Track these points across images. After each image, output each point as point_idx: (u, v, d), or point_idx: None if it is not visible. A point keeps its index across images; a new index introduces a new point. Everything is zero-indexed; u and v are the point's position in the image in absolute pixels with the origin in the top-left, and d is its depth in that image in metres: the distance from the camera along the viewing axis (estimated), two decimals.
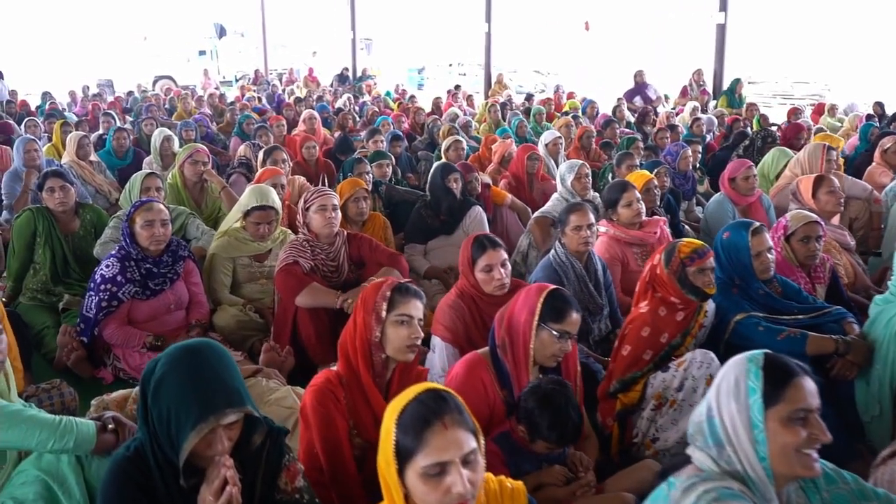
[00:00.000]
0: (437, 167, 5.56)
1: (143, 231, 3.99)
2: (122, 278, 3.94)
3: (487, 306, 3.37)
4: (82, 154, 7.63)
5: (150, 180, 4.89)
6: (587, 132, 8.84)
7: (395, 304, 2.49)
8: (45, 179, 4.79)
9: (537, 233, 5.28)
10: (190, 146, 5.72)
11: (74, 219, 4.93)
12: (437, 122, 10.41)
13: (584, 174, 5.57)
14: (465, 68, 36.03)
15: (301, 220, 4.15)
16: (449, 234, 5.45)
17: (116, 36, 28.30)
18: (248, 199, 4.40)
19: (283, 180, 5.29)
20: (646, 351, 3.18)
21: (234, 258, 4.50)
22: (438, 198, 5.46)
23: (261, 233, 4.45)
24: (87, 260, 4.91)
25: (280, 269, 3.93)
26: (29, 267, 4.80)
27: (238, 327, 4.27)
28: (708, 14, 13.85)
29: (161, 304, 4.09)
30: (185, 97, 13.83)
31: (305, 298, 3.84)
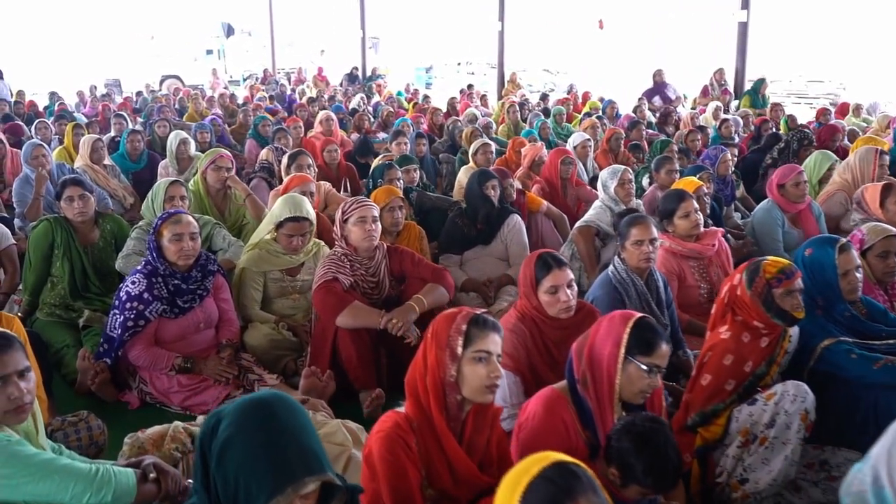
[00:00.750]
0: (474, 173, 5.29)
1: (171, 245, 3.73)
2: (148, 296, 3.67)
3: (551, 330, 3.10)
4: (96, 158, 7.38)
5: (174, 188, 4.62)
6: (616, 134, 8.57)
7: (472, 340, 2.21)
8: (64, 188, 4.52)
9: (581, 243, 5.01)
10: (213, 151, 5.44)
11: (94, 229, 4.66)
12: (456, 123, 10.13)
13: (628, 180, 5.29)
14: (473, 67, 35.81)
15: (339, 233, 3.88)
16: (486, 244, 5.18)
17: (123, 35, 28.06)
18: (281, 210, 4.13)
19: (312, 187, 5.02)
20: (728, 381, 2.90)
21: (265, 272, 4.22)
22: (475, 205, 5.19)
23: (294, 245, 4.18)
24: (107, 273, 4.65)
25: (319, 287, 3.66)
26: (46, 280, 4.54)
27: (271, 347, 4.00)
28: (730, 12, 13.54)
29: (190, 322, 3.82)
30: (196, 97, 13.55)
31: (347, 318, 3.57)
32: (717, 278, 4.20)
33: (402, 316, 3.55)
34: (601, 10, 20.35)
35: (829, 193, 5.92)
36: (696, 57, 18.64)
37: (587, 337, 2.50)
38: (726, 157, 6.70)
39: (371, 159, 8.64)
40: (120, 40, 27.70)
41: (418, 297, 3.66)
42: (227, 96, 15.18)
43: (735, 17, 13.54)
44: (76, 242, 4.53)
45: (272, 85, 21.37)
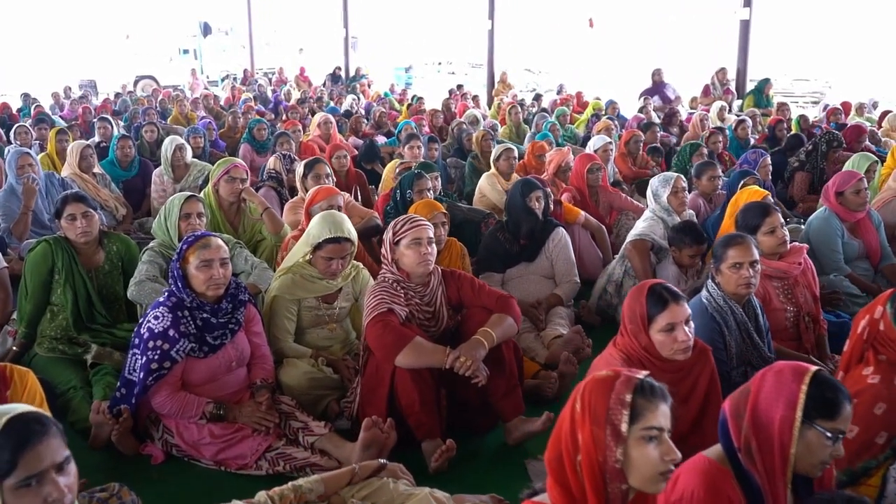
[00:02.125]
0: (516, 183, 4.83)
1: (200, 273, 3.23)
2: (175, 333, 3.17)
3: (661, 373, 2.63)
4: (85, 166, 6.84)
5: (190, 205, 4.10)
6: (634, 136, 8.17)
7: (640, 413, 1.76)
8: (65, 205, 3.99)
9: (635, 259, 4.57)
10: (226, 160, 4.93)
11: (98, 251, 4.13)
12: (461, 125, 9.66)
13: (682, 188, 4.87)
14: (453, 67, 35.39)
15: (389, 256, 3.40)
16: (530, 261, 4.74)
17: (97, 34, 27.21)
18: (320, 230, 3.64)
19: (340, 201, 4.53)
20: (880, 433, 2.48)
21: (299, 300, 3.73)
22: (517, 219, 4.74)
23: (333, 269, 3.69)
24: (115, 299, 4.14)
25: (374, 320, 3.17)
26: (45, 309, 4.01)
27: (311, 386, 3.52)
28: (732, 10, 13.21)
29: (221, 361, 3.32)
30: (181, 99, 12.95)
31: (409, 358, 3.09)
32: (804, 300, 3.78)
33: (471, 353, 3.08)
34: (590, 8, 19.97)
35: (885, 200, 5.54)
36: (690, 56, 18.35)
37: (745, 394, 2.06)
38: (766, 161, 6.32)
39: (377, 165, 8.18)
40: (94, 39, 26.85)
41: (486, 331, 3.19)
42: (211, 98, 14.60)
43: (737, 16, 13.21)
44: (79, 266, 4.01)
45: (251, 86, 20.77)
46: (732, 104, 13.09)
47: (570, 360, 3.76)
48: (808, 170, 7.63)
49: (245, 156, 8.94)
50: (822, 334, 3.82)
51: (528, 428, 3.28)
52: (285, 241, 4.52)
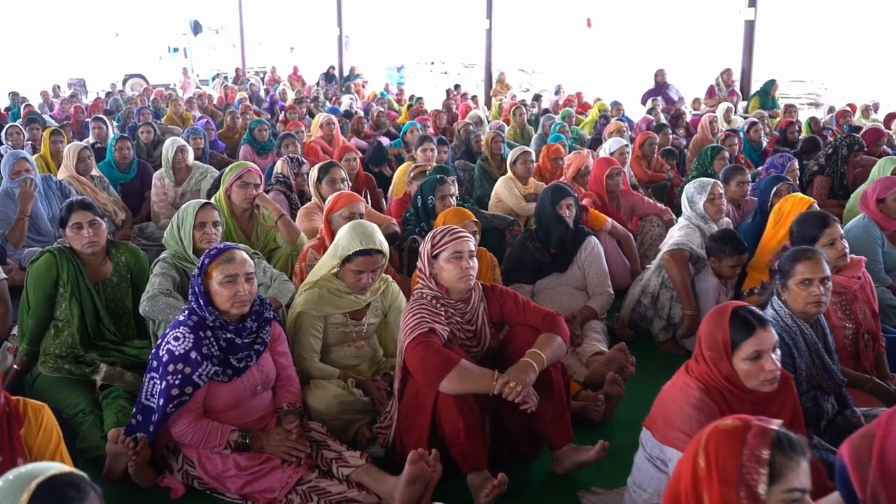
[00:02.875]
0: (546, 190, 4.58)
1: (223, 289, 2.96)
2: (197, 355, 2.90)
3: (742, 404, 2.41)
4: (83, 168, 6.56)
5: (206, 213, 3.82)
6: (649, 139, 7.94)
7: (781, 473, 1.51)
8: (70, 213, 3.71)
9: (674, 269, 4.33)
10: (239, 164, 4.65)
11: (106, 262, 3.85)
12: (469, 127, 9.41)
13: (718, 195, 4.64)
14: (446, 66, 35.07)
15: (426, 271, 3.14)
16: (562, 272, 4.50)
17: (86, 32, 26.76)
18: (349, 241, 3.37)
19: (362, 208, 4.27)
20: None
21: (325, 316, 3.47)
22: (547, 227, 4.50)
23: (363, 284, 3.43)
24: (123, 314, 3.87)
25: (415, 342, 2.92)
26: (48, 325, 3.73)
27: (341, 411, 3.26)
28: (737, 10, 13.01)
29: (246, 385, 3.06)
30: (175, 99, 12.62)
31: (455, 384, 2.84)
32: (863, 316, 3.56)
33: (520, 377, 2.83)
34: (588, 8, 19.74)
35: None
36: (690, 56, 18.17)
37: (869, 439, 1.82)
38: (794, 166, 6.09)
39: (385, 168, 7.92)
40: (82, 37, 26.40)
41: (535, 353, 2.94)
42: (206, 97, 14.28)
43: (742, 16, 13.01)
44: (86, 279, 3.73)
45: (244, 85, 20.44)
46: (737, 106, 12.92)
47: (617, 381, 3.52)
48: (827, 174, 7.41)
49: (246, 157, 8.66)
50: (881, 353, 3.59)
51: (580, 457, 3.04)
52: (304, 250, 4.25)
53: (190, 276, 3.76)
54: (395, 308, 3.64)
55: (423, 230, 4.81)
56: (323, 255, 4.11)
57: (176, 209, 6.82)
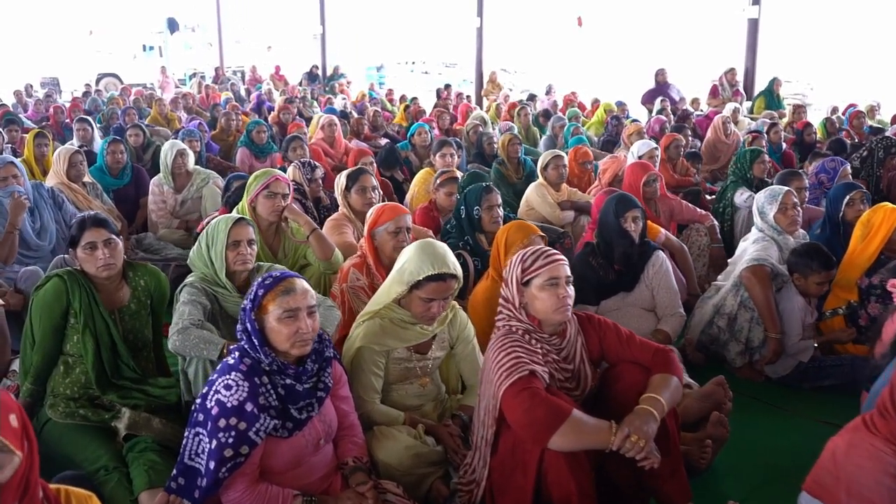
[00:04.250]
0: (609, 200, 4.13)
1: (283, 326, 2.48)
2: (253, 407, 2.41)
3: None
4: (74, 174, 6.00)
5: (239, 230, 3.31)
6: (675, 141, 7.53)
7: None
8: (82, 231, 3.19)
9: (757, 288, 3.90)
10: (265, 172, 4.14)
11: (122, 286, 3.34)
12: (477, 128, 8.95)
13: (792, 204, 4.22)
14: (426, 66, 34.62)
15: (515, 300, 2.68)
16: (628, 291, 4.06)
17: (58, 30, 25.87)
18: (419, 265, 2.89)
19: (409, 221, 3.79)
20: None
21: (388, 351, 2.99)
22: (611, 242, 4.05)
23: (432, 313, 2.96)
24: (143, 346, 3.36)
25: (514, 388, 2.45)
26: (57, 361, 3.21)
27: (414, 464, 2.78)
28: (740, 8, 12.70)
29: (307, 439, 2.57)
30: (159, 99, 12.01)
31: (568, 439, 2.37)
32: None
33: (641, 430, 2.38)
34: (578, 6, 19.38)
35: None
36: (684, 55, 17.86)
37: None
38: (846, 171, 5.72)
39: (398, 172, 7.44)
40: (55, 35, 25.52)
41: (654, 398, 2.48)
42: (190, 97, 13.67)
43: (745, 14, 12.71)
44: (100, 307, 3.21)
45: (224, 84, 19.81)
46: (742, 105, 12.60)
47: (722, 423, 3.09)
48: (863, 177, 7.07)
49: (243, 161, 8.17)
50: None
51: None
52: (343, 270, 3.76)
53: (221, 302, 3.29)
54: (463, 339, 3.18)
55: (469, 244, 4.36)
56: (366, 274, 3.66)
57: (176, 218, 6.33)
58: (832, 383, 3.84)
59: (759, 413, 3.70)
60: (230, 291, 3.29)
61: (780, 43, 25.80)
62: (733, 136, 9.46)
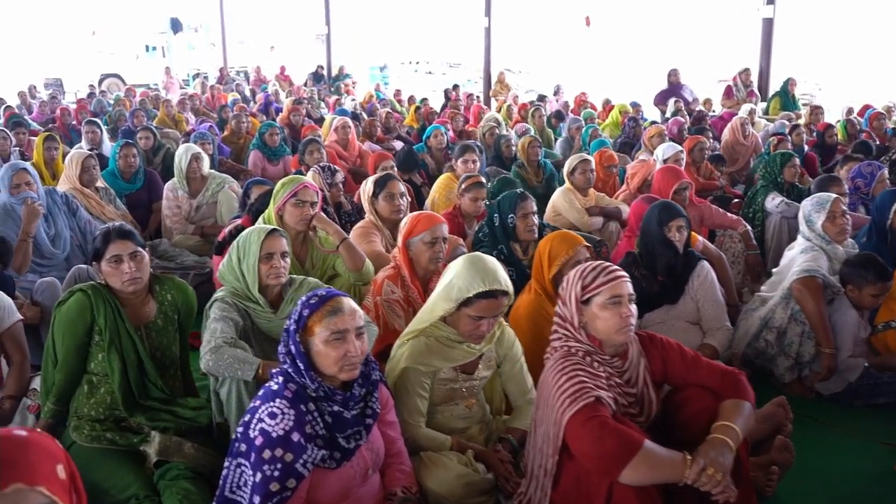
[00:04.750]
0: (653, 208, 3.96)
1: (330, 349, 2.31)
2: (300, 437, 2.24)
3: None
4: (87, 179, 5.84)
5: (273, 241, 3.14)
6: (699, 143, 7.33)
7: None
8: (107, 244, 3.02)
9: (810, 301, 3.73)
10: (293, 179, 3.96)
11: (148, 301, 3.17)
12: (494, 130, 8.76)
13: (840, 212, 4.05)
14: (430, 66, 34.39)
15: (574, 319, 2.51)
16: (673, 303, 3.89)
17: (61, 30, 25.68)
18: (468, 281, 2.72)
19: (445, 231, 3.62)
20: None
21: (434, 371, 2.82)
22: (654, 252, 3.89)
23: (482, 331, 2.79)
24: (170, 364, 3.19)
25: (580, 417, 2.28)
26: (80, 380, 3.05)
27: (466, 493, 2.62)
28: (755, 7, 12.53)
29: (356, 470, 2.41)
30: (166, 101, 11.83)
31: (640, 472, 2.20)
32: None
33: (718, 462, 2.21)
34: (586, 6, 19.21)
35: None
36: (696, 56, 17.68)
37: None
38: (884, 175, 5.55)
39: (416, 175, 7.26)
40: (57, 36, 25.33)
41: (727, 426, 2.32)
42: (197, 98, 13.51)
43: (760, 13, 12.53)
44: (126, 323, 3.04)
45: (229, 85, 19.65)
46: (757, 106, 12.43)
47: (788, 448, 2.92)
48: (891, 181, 6.90)
49: (256, 164, 8.01)
50: None
51: None
52: (377, 282, 3.59)
53: (253, 318, 3.12)
54: (510, 357, 3.01)
55: (503, 253, 4.19)
56: (400, 286, 3.49)
57: (191, 223, 6.16)
58: (887, 401, 3.68)
59: (813, 433, 3.53)
60: (263, 307, 3.13)
61: (791, 43, 25.65)
62: (751, 137, 9.29)
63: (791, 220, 5.86)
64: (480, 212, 5.25)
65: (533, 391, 3.02)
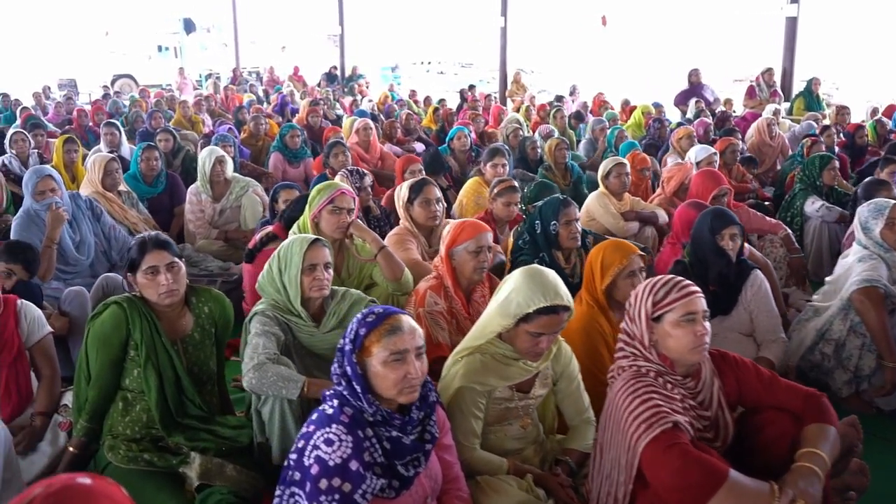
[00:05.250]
0: (704, 215, 3.80)
1: (390, 371, 2.17)
2: (358, 465, 2.09)
3: None
4: (110, 183, 5.70)
5: (316, 252, 2.99)
6: (731, 146, 7.17)
7: None
8: (143, 254, 2.88)
9: (871, 313, 3.56)
10: (329, 185, 3.81)
11: (185, 313, 3.04)
12: (518, 132, 8.61)
13: None
14: (442, 66, 34.24)
15: (645, 338, 2.36)
16: (725, 314, 3.73)
17: (74, 31, 25.63)
18: (528, 296, 2.56)
19: (490, 239, 3.47)
20: None
21: (490, 391, 2.67)
22: (706, 260, 3.73)
23: (540, 348, 2.64)
24: (207, 380, 3.06)
25: (658, 444, 2.13)
26: (114, 396, 2.92)
27: None
28: (778, 6, 12.33)
29: (414, 498, 2.26)
30: (183, 102, 11.70)
31: None
32: None
33: (808, 493, 2.06)
34: (601, 5, 19.03)
35: None
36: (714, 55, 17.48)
37: None
38: None
39: (442, 179, 7.11)
40: (71, 36, 25.27)
41: (814, 454, 2.17)
42: (213, 99, 13.39)
43: (783, 12, 12.33)
44: (163, 337, 2.91)
45: (242, 86, 19.55)
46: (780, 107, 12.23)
47: (864, 471, 2.76)
48: None
49: (276, 166, 7.88)
50: None
51: None
52: (419, 293, 3.44)
53: (295, 332, 2.98)
54: (567, 375, 2.85)
55: (545, 261, 4.03)
56: (444, 297, 3.35)
57: (215, 228, 6.03)
58: None
59: (877, 450, 3.36)
60: (305, 320, 2.98)
61: (811, 42, 25.39)
62: (777, 138, 9.12)
63: (831, 224, 5.71)
64: (513, 217, 5.11)
65: (590, 410, 2.87)
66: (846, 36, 25.82)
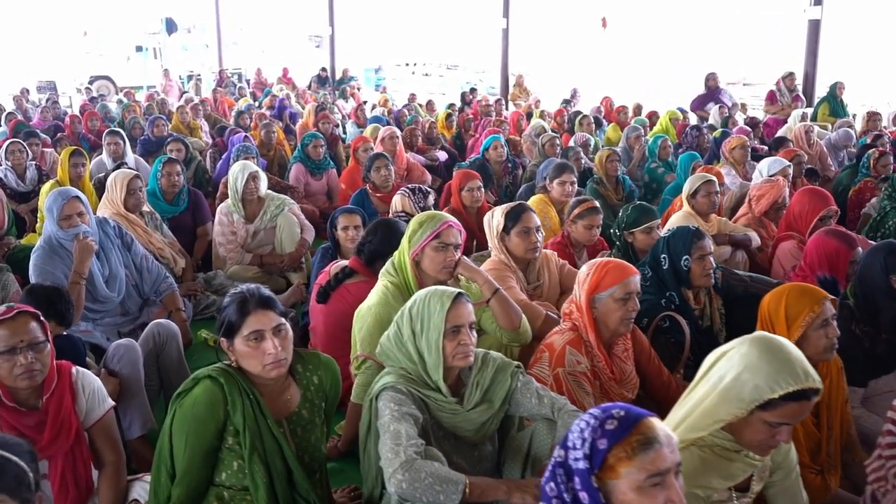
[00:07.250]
0: (876, 253, 3.24)
1: (649, 499, 1.59)
2: None
3: None
4: (133, 203, 5.03)
5: (460, 310, 2.33)
6: (797, 157, 6.66)
7: None
8: (245, 316, 2.27)
9: None
10: (434, 217, 3.07)
11: (290, 385, 2.42)
12: (554, 141, 8.02)
13: None
14: (427, 68, 33.61)
15: None
16: None
17: (52, 31, 24.65)
18: (772, 378, 1.96)
19: (638, 284, 2.89)
20: None
21: (710, 494, 2.08)
22: (876, 304, 3.18)
23: (778, 441, 2.05)
24: (318, 468, 2.46)
25: None
26: (206, 494, 2.29)
27: None
28: (801, 8, 11.93)
29: None
30: (181, 107, 10.97)
31: None
32: None
33: None
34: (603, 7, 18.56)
35: None
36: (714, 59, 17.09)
37: None
38: None
39: (489, 195, 6.52)
40: (47, 36, 24.29)
41: None
42: (209, 103, 12.66)
43: (806, 15, 11.93)
44: (268, 420, 2.29)
45: (229, 88, 18.81)
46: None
47: None
48: None
49: (298, 178, 7.26)
50: None
51: None
52: (556, 349, 2.85)
53: (433, 411, 2.38)
54: (785, 466, 2.28)
55: (674, 302, 3.46)
56: (584, 353, 2.77)
57: (248, 251, 5.38)
58: None
59: None
60: (446, 395, 2.38)
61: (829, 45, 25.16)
62: (816, 146, 8.66)
63: None
64: (594, 241, 4.56)
65: None
66: (861, 39, 25.61)
